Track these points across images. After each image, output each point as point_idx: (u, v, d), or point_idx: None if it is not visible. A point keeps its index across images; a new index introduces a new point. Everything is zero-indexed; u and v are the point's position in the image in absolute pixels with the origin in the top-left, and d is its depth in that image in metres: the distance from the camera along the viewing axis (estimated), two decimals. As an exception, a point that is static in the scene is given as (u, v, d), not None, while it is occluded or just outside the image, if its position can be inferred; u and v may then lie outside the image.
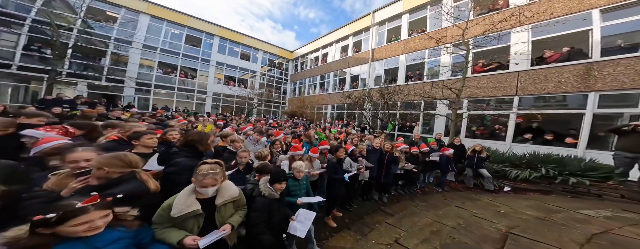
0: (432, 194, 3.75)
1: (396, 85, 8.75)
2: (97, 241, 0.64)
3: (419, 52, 8.45)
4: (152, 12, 10.45)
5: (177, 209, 0.92)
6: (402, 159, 3.55)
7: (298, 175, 1.63)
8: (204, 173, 0.96)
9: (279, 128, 5.78)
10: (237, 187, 1.13)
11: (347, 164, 2.65)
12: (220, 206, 1.04)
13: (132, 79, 9.94)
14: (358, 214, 2.70)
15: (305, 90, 15.27)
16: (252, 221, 1.09)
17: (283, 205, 1.29)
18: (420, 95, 7.47)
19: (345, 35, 12.40)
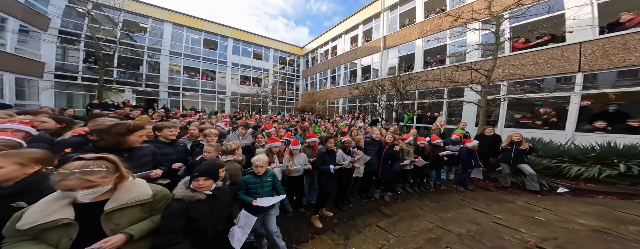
0: (449, 193, 3.18)
1: (412, 72, 7.76)
2: None
3: (439, 33, 7.25)
4: (174, 19, 11.27)
5: (27, 220, 0.67)
6: (409, 153, 3.08)
7: (257, 170, 1.40)
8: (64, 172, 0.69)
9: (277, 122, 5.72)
10: (149, 187, 0.90)
11: (339, 157, 2.36)
12: (112, 212, 0.79)
13: (164, 84, 11.16)
14: (351, 214, 2.41)
15: (316, 85, 14.96)
16: (160, 230, 0.86)
17: (220, 206, 1.03)
18: (442, 81, 6.36)
19: (354, 25, 11.53)
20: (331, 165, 2.06)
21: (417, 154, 3.11)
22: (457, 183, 3.53)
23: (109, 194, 0.80)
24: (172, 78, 11.67)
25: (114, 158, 0.81)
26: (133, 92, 10.37)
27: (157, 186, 0.95)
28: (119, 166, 0.82)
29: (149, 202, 0.89)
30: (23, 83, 7.04)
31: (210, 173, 0.98)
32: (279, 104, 15.81)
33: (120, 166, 0.82)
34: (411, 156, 3.07)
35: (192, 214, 0.91)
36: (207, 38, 12.70)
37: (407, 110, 6.87)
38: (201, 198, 0.95)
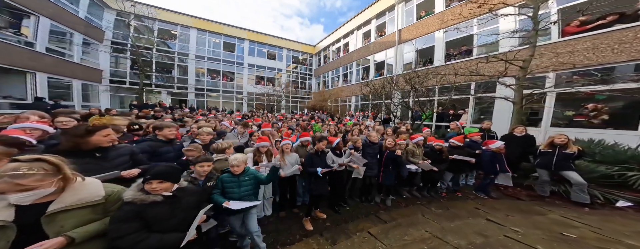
0: (463, 200, 2.81)
1: (430, 67, 7.01)
2: None
3: (462, 23, 6.36)
4: (198, 25, 12.18)
5: None
6: (415, 154, 2.77)
7: (233, 169, 1.36)
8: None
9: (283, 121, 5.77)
10: (103, 188, 0.86)
11: (329, 159, 2.23)
12: (55, 214, 0.75)
13: (191, 86, 12.35)
14: (346, 218, 2.28)
15: (328, 83, 14.80)
16: (108, 235, 0.81)
17: (183, 207, 0.97)
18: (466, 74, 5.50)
19: (366, 20, 10.94)
20: (319, 168, 1.94)
21: (431, 156, 2.78)
22: (478, 189, 3.08)
23: (54, 196, 0.77)
24: (198, 80, 12.78)
25: (54, 159, 0.76)
26: (167, 93, 11.71)
27: (115, 187, 0.92)
28: (61, 168, 0.77)
29: (101, 203, 0.85)
30: (87, 88, 8.48)
31: (166, 175, 0.93)
32: (292, 103, 16.12)
33: (63, 168, 0.77)
34: (418, 157, 2.76)
35: (146, 217, 0.87)
36: (226, 41, 13.49)
37: (426, 107, 6.14)
38: (157, 200, 0.90)
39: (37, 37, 5.99)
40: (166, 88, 11.58)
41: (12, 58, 5.25)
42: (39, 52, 6.06)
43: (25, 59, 5.62)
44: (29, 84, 5.87)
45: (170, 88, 11.72)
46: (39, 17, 5.96)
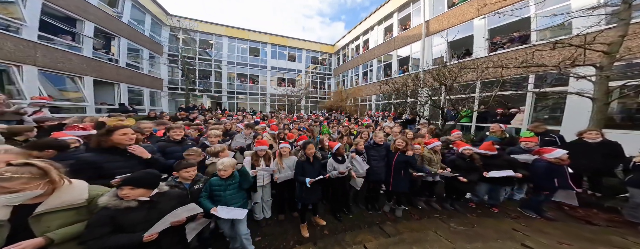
0: (499, 218, 2.27)
1: (469, 59, 5.88)
2: None
3: (518, 3, 5.07)
4: (228, 33, 13.46)
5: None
6: (432, 161, 2.34)
7: (220, 174, 1.38)
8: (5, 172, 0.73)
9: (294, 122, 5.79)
10: (88, 191, 0.91)
11: (329, 166, 2.08)
12: (40, 215, 0.80)
13: (225, 89, 13.92)
14: (346, 227, 2.10)
15: (347, 83, 14.34)
16: (81, 237, 0.84)
17: (160, 212, 0.96)
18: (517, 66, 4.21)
19: (388, 14, 10.05)
20: (307, 178, 1.81)
21: (459, 165, 2.33)
22: (526, 206, 2.43)
23: (44, 198, 0.82)
24: (230, 83, 14.24)
25: (41, 164, 0.81)
26: (207, 96, 13.51)
27: (100, 190, 0.96)
28: (48, 172, 0.81)
29: (84, 206, 0.89)
30: (153, 94, 10.43)
31: (137, 182, 0.94)
32: (311, 103, 16.32)
33: (49, 172, 0.81)
34: (436, 166, 2.31)
35: (120, 222, 0.89)
36: (251, 46, 14.46)
37: (464, 105, 4.98)
38: (131, 205, 0.92)
39: (120, 54, 7.70)
40: (206, 92, 13.37)
41: (104, 73, 6.88)
42: (122, 67, 7.77)
43: (113, 73, 7.29)
44: (116, 93, 7.60)
45: (208, 92, 13.48)
46: (120, 39, 7.66)
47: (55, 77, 5.42)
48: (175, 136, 1.96)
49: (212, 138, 2.12)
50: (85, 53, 6.12)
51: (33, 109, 3.00)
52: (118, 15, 7.62)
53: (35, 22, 4.69)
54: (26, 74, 4.55)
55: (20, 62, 4.46)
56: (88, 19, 6.11)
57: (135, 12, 8.60)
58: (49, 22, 5.10)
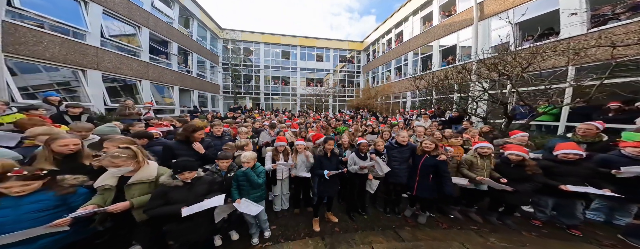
0: (574, 242, 1.72)
1: (547, 42, 4.36)
2: (26, 200, 0.99)
3: None
4: (264, 40, 14.96)
5: (98, 181, 1.13)
6: (478, 166, 1.92)
7: (243, 165, 1.64)
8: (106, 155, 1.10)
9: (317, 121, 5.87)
10: (157, 171, 1.25)
11: (351, 160, 2.05)
12: (130, 185, 1.14)
13: (262, 91, 15.77)
14: (358, 227, 2.04)
15: (378, 79, 13.44)
16: (144, 207, 1.15)
17: (195, 193, 1.26)
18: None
19: (425, 1, 8.75)
20: (325, 170, 1.84)
21: (504, 170, 1.88)
22: (632, 234, 1.73)
23: (133, 173, 1.19)
24: (266, 86, 15.93)
25: (134, 148, 1.20)
26: (249, 98, 15.68)
27: (164, 171, 1.30)
28: (137, 154, 1.19)
29: (153, 181, 1.24)
30: (213, 98, 12.85)
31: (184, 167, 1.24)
32: (339, 102, 16.24)
33: (137, 154, 1.19)
34: (482, 171, 1.88)
35: (169, 197, 1.19)
36: (283, 50, 15.60)
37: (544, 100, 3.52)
38: (178, 184, 1.21)
39: (193, 66, 9.97)
40: (248, 94, 15.56)
41: (185, 82, 9.14)
42: (194, 77, 10.04)
43: (190, 82, 9.53)
44: (190, 97, 9.88)
45: (250, 94, 15.61)
46: (192, 54, 9.91)
47: (159, 87, 7.61)
48: (216, 132, 2.43)
49: (242, 135, 2.49)
50: (173, 68, 8.27)
51: (145, 111, 4.37)
52: (190, 34, 9.88)
53: (146, 47, 6.73)
54: (144, 86, 6.57)
55: (141, 78, 6.48)
56: (173, 40, 8.21)
57: (200, 30, 10.79)
58: (153, 46, 7.20)
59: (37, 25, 3.88)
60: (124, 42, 5.92)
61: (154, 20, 7.01)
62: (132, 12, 6.03)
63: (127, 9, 5.86)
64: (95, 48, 4.96)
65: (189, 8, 9.23)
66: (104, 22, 5.22)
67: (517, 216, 2.11)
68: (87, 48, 4.76)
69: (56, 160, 1.25)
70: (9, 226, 0.95)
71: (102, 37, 5.17)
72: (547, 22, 4.91)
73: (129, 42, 6.09)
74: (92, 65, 4.90)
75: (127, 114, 3.74)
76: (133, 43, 6.23)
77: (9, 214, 0.97)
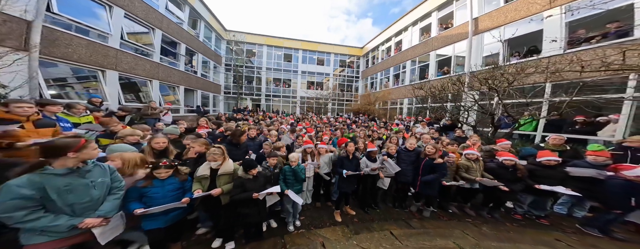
0: (544, 230, 2.18)
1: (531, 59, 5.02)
2: (167, 182, 1.44)
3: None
4: (267, 42, 15.26)
5: (198, 172, 1.59)
6: (472, 169, 2.36)
7: (291, 163, 2.02)
8: (210, 151, 1.65)
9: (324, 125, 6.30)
10: (233, 165, 1.70)
11: (363, 164, 2.44)
12: (219, 175, 1.60)
13: (263, 93, 15.98)
14: (373, 218, 2.43)
15: (376, 85, 14.06)
16: (230, 193, 1.60)
17: (259, 184, 1.70)
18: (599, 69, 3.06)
19: (425, 13, 9.43)
20: (344, 170, 2.23)
21: (498, 173, 2.34)
22: (588, 224, 2.21)
23: (220, 166, 1.65)
24: (268, 88, 16.23)
25: (222, 147, 1.69)
26: (250, 99, 15.86)
27: (236, 166, 1.76)
28: (224, 152, 1.67)
29: (231, 174, 1.68)
30: (214, 98, 12.93)
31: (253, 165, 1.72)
32: (338, 105, 16.70)
33: (224, 152, 1.67)
34: (475, 173, 2.32)
35: (245, 186, 1.63)
36: (285, 53, 15.94)
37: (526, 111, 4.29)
38: (249, 177, 1.68)
39: (198, 67, 10.13)
40: (249, 95, 15.72)
41: (190, 82, 9.30)
42: (199, 77, 10.19)
43: (194, 82, 9.67)
44: (195, 97, 10.02)
45: (251, 95, 15.78)
46: (198, 54, 10.07)
47: (163, 87, 7.75)
48: (251, 134, 2.79)
49: (273, 137, 2.86)
50: (180, 68, 8.44)
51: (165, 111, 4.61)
52: (196, 35, 10.06)
53: (159, 48, 6.91)
54: (154, 86, 6.74)
55: (152, 78, 6.65)
56: (182, 41, 8.39)
57: (206, 31, 10.97)
58: (163, 47, 7.35)
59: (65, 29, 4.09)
60: (139, 43, 6.08)
61: (167, 22, 7.21)
62: (148, 15, 6.23)
63: (145, 11, 6.06)
64: (116, 50, 5.15)
65: (198, 10, 9.43)
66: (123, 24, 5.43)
67: (502, 211, 2.56)
68: (108, 50, 4.95)
69: (154, 154, 1.68)
70: (158, 200, 1.39)
71: (122, 39, 5.35)
72: (532, 40, 5.62)
73: (137, 40, 6.05)
74: (112, 66, 5.08)
75: (150, 114, 4.00)
76: (141, 41, 6.20)
77: (158, 191, 1.41)
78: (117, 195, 1.20)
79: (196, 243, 1.81)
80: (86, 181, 1.06)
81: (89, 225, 1.03)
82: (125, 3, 5.30)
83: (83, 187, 1.04)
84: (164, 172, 1.42)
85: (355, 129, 5.74)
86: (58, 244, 1.00)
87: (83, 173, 1.05)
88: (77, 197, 1.02)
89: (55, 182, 0.97)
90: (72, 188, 1.00)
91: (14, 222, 0.90)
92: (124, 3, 5.26)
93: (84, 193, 1.04)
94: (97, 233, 1.07)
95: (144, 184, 1.38)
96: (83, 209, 1.05)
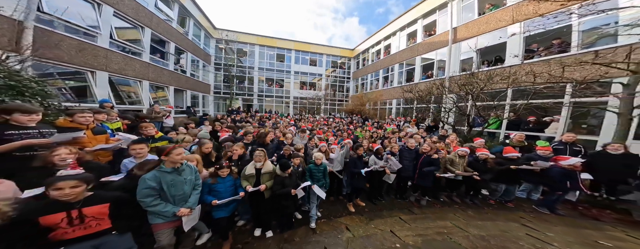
0: (511, 211, 2.78)
1: (498, 67, 6.03)
2: (226, 179, 1.78)
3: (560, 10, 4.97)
4: (259, 42, 15.11)
5: (246, 171, 1.93)
6: (455, 163, 2.93)
7: (317, 162, 2.35)
8: (256, 154, 2.01)
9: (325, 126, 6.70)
10: (272, 165, 2.05)
11: (371, 161, 2.85)
12: (262, 173, 1.94)
13: (255, 93, 15.70)
14: (381, 208, 2.86)
15: (367, 86, 14.80)
16: (273, 188, 1.97)
17: (293, 181, 2.05)
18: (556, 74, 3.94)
19: (412, 20, 10.31)
20: (363, 169, 2.64)
21: (474, 166, 2.91)
22: (541, 204, 2.89)
23: (262, 165, 1.97)
24: (260, 87, 16.00)
25: (263, 150, 2.05)
26: (241, 99, 15.48)
27: (273, 167, 2.08)
28: (265, 154, 2.02)
29: (271, 172, 2.01)
30: (204, 98, 12.38)
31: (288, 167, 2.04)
32: (330, 105, 17.17)
33: (265, 154, 2.02)
34: (457, 167, 2.90)
35: (284, 183, 1.97)
36: (278, 53, 15.93)
37: (493, 113, 5.37)
38: (285, 175, 2.02)
39: (187, 66, 9.69)
40: (241, 95, 15.34)
41: (180, 82, 8.91)
42: (188, 77, 9.77)
43: (184, 82, 9.28)
44: (184, 98, 9.59)
45: (243, 95, 15.41)
46: (187, 53, 9.63)
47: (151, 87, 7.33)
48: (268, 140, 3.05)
49: (289, 140, 3.16)
50: (170, 68, 8.04)
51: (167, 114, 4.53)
52: (185, 33, 9.60)
53: (148, 47, 6.55)
54: (144, 86, 6.41)
55: (142, 78, 6.31)
56: (172, 40, 8.01)
57: (195, 29, 10.55)
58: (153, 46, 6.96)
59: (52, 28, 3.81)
60: (128, 42, 5.73)
61: (157, 21, 6.87)
62: (138, 13, 5.91)
63: (134, 10, 5.75)
64: (106, 50, 4.85)
65: (187, 7, 9.02)
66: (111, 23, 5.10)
67: (480, 197, 3.17)
68: (98, 50, 4.67)
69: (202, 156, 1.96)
70: (222, 194, 1.71)
71: (112, 38, 5.04)
72: (499, 51, 6.64)
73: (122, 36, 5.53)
74: (102, 67, 4.79)
75: (154, 117, 3.99)
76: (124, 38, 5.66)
77: (221, 187, 1.72)
78: (198, 190, 1.49)
79: (238, 233, 2.08)
80: (182, 178, 1.36)
81: (183, 214, 1.32)
82: (115, 1, 5.02)
83: (180, 183, 1.35)
84: (226, 171, 1.76)
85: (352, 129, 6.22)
86: (167, 225, 1.33)
87: (180, 172, 1.36)
88: (177, 190, 1.33)
89: (165, 178, 1.29)
90: (174, 183, 1.32)
91: (146, 206, 1.24)
92: (114, 1, 4.98)
93: (180, 188, 1.35)
94: (184, 221, 1.34)
95: (213, 181, 1.70)
96: (179, 201, 1.36)
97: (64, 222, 0.98)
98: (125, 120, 2.59)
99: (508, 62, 6.07)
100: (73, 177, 1.00)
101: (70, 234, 1.00)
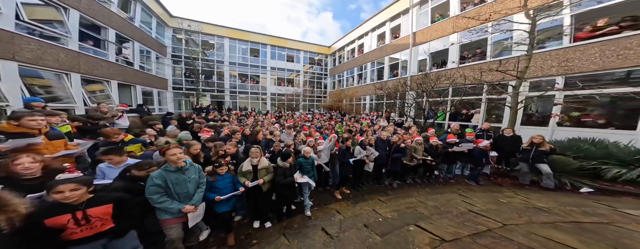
0: (452, 186, 3.68)
1: (442, 69, 7.46)
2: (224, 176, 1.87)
3: (479, 26, 6.57)
4: (229, 35, 13.83)
5: (243, 167, 2.04)
6: (417, 150, 3.69)
7: (306, 155, 2.58)
8: (252, 151, 2.11)
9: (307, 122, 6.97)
10: (267, 161, 2.19)
11: (357, 152, 3.26)
12: (259, 169, 2.06)
13: (227, 89, 14.27)
14: (363, 193, 3.33)
15: (343, 83, 15.51)
16: (275, 179, 2.17)
17: (294, 172, 2.29)
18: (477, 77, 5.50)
19: (381, 22, 11.32)
20: (351, 159, 3.03)
21: (429, 151, 3.69)
22: (469, 178, 3.91)
23: (258, 162, 2.09)
24: (232, 83, 14.68)
25: (259, 147, 2.18)
26: (210, 96, 13.83)
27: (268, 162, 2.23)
28: (260, 150, 2.12)
29: (267, 167, 2.14)
30: (160, 95, 10.49)
31: (286, 157, 2.25)
32: (309, 102, 17.31)
33: (260, 151, 2.13)
34: (418, 153, 3.68)
35: (286, 173, 2.17)
36: (252, 47, 14.98)
37: (440, 107, 6.82)
38: (286, 167, 2.22)
39: (134, 58, 8.00)
40: (208, 91, 13.69)
41: (127, 76, 7.31)
42: (137, 70, 8.14)
43: (131, 76, 7.67)
44: (133, 94, 7.98)
45: (212, 91, 13.80)
46: (134, 42, 7.94)
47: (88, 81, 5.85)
48: (260, 137, 3.09)
49: (276, 137, 3.27)
50: (110, 59, 6.52)
51: (118, 114, 3.81)
52: (130, 19, 7.85)
53: (76, 34, 5.13)
54: (73, 80, 5.08)
55: (70, 71, 4.98)
56: (111, 26, 6.48)
57: (143, 16, 8.84)
58: (84, 32, 5.47)
59: None
60: (44, 25, 4.37)
61: (87, 2, 5.38)
62: (58, -12, 4.51)
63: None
64: (10, 33, 3.61)
65: (129, -15, 7.34)
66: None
67: (433, 177, 4.00)
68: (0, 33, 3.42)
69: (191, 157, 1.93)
70: (222, 190, 1.78)
71: (18, 19, 3.75)
72: (444, 55, 8.15)
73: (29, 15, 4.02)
74: (7, 55, 3.57)
75: (100, 118, 3.33)
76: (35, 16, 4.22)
77: (221, 184, 1.78)
78: (202, 188, 1.53)
79: (238, 227, 2.16)
80: (185, 177, 1.40)
81: (188, 211, 1.39)
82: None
83: (184, 181, 1.39)
84: (224, 169, 1.87)
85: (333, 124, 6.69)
86: (174, 221, 1.39)
87: (184, 171, 1.40)
88: (181, 188, 1.38)
89: (169, 176, 1.34)
90: (178, 181, 1.36)
91: (153, 202, 1.30)
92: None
93: (184, 186, 1.40)
94: (190, 217, 1.41)
95: (213, 179, 1.76)
96: (184, 198, 1.41)
97: (71, 223, 1.04)
98: (75, 122, 2.15)
99: (449, 66, 7.60)
100: (72, 180, 1.04)
101: (79, 234, 1.06)
